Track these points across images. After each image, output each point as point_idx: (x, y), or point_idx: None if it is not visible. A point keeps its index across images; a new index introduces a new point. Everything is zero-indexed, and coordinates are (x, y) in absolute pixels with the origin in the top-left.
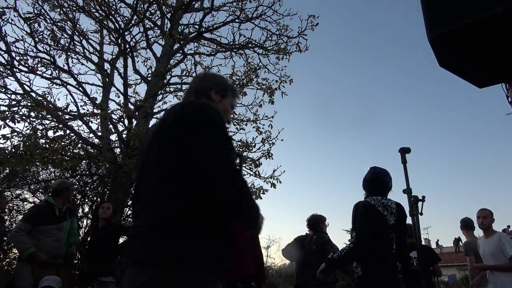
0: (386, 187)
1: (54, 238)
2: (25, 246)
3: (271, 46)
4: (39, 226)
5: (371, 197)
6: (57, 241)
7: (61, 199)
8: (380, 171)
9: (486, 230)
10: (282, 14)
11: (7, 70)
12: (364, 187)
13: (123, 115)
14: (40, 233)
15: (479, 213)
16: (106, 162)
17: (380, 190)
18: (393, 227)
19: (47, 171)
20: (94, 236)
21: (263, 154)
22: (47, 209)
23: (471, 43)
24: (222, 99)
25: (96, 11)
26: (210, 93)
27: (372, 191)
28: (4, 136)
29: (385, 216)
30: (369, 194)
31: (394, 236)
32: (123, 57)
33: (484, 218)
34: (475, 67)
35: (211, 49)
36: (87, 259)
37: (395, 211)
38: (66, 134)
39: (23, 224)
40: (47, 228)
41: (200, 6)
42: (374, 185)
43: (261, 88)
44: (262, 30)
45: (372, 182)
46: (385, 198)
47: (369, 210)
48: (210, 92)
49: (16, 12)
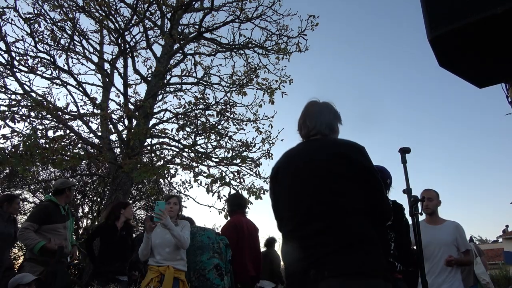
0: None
1: (63, 236)
2: (34, 241)
3: (271, 46)
4: (48, 225)
5: None
6: (65, 240)
7: (63, 198)
8: (377, 169)
9: (432, 214)
10: (282, 14)
11: (7, 70)
12: None
13: (123, 115)
14: (49, 232)
15: (424, 194)
16: (106, 162)
17: None
18: (390, 227)
19: (47, 171)
20: (115, 234)
21: (263, 154)
22: (53, 208)
23: (471, 43)
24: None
25: (96, 11)
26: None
27: None
28: (4, 136)
29: None
30: None
31: (393, 236)
32: (123, 57)
33: (430, 200)
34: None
35: (211, 49)
36: (102, 258)
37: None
38: (66, 134)
39: (30, 223)
40: (56, 226)
41: (200, 6)
42: None
43: (261, 88)
44: (262, 30)
45: None
46: None
47: None
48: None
49: (16, 12)
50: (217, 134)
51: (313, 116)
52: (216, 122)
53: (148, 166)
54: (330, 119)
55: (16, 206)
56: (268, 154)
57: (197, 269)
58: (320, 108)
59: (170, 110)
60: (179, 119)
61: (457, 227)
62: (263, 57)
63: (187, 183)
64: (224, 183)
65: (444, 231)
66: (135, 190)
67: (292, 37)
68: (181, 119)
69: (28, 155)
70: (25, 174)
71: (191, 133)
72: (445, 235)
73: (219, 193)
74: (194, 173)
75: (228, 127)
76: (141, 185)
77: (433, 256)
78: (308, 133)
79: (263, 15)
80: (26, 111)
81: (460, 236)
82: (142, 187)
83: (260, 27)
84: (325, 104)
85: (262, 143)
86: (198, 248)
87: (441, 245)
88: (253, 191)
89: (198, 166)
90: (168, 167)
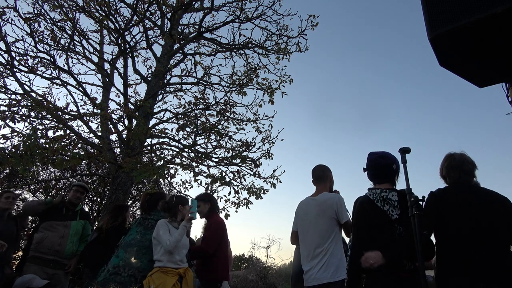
0: (388, 171)
1: (58, 233)
2: (41, 200)
3: (271, 46)
4: (46, 222)
5: (371, 190)
6: (61, 237)
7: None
8: (377, 155)
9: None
10: (282, 14)
11: (7, 70)
12: (368, 177)
13: (123, 115)
14: (45, 227)
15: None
16: (106, 162)
17: (381, 177)
18: (398, 221)
19: (47, 171)
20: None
21: (263, 154)
22: (55, 206)
23: (471, 43)
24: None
25: (96, 11)
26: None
27: (374, 179)
28: (4, 136)
29: (386, 211)
30: (375, 183)
31: (402, 230)
32: (123, 57)
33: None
34: (475, 66)
35: (211, 49)
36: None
37: (397, 204)
38: (66, 134)
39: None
40: (52, 223)
41: (200, 6)
42: (375, 173)
43: (261, 88)
44: (262, 30)
45: (371, 170)
46: (385, 190)
47: (365, 209)
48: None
49: (16, 12)
50: (217, 134)
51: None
52: (216, 122)
53: (148, 166)
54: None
55: (5, 201)
56: (268, 154)
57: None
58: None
59: (170, 110)
60: (179, 119)
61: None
62: (263, 57)
63: (187, 183)
64: (224, 182)
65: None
66: (135, 190)
67: (292, 37)
68: (181, 119)
69: (28, 155)
70: (25, 174)
71: (191, 133)
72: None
73: (218, 192)
74: (194, 173)
75: (228, 127)
76: (141, 185)
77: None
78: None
79: (263, 15)
80: (26, 111)
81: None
82: (142, 187)
83: (260, 27)
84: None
85: (262, 143)
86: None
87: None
88: (253, 191)
89: (198, 166)
90: (168, 167)
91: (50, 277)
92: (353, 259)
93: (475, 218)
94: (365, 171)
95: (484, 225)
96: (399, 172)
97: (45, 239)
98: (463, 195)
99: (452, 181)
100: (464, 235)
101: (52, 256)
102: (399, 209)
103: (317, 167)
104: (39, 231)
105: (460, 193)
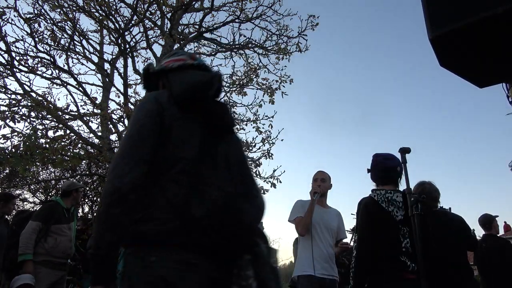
0: (392, 173)
1: (68, 237)
2: (28, 250)
3: (271, 46)
4: (54, 225)
5: (376, 191)
6: (69, 241)
7: (70, 200)
8: (383, 157)
9: (322, 196)
10: (282, 14)
11: (7, 70)
12: (371, 178)
13: (123, 115)
14: (55, 232)
15: (318, 175)
16: (106, 162)
17: (386, 179)
18: (403, 222)
19: (47, 171)
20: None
21: (263, 154)
22: (58, 208)
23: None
24: None
25: (96, 11)
26: None
27: (378, 181)
28: (4, 136)
29: (391, 212)
30: (378, 185)
31: (407, 231)
32: (123, 57)
33: (323, 181)
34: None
35: (211, 49)
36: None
37: (401, 204)
38: (66, 134)
39: (37, 223)
40: (61, 227)
41: (200, 6)
42: (379, 175)
43: (261, 88)
44: (262, 30)
45: (375, 171)
46: (390, 191)
47: (370, 210)
48: None
49: (16, 12)
50: None
51: None
52: None
53: None
54: None
55: (12, 207)
56: (268, 154)
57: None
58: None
59: None
60: None
61: (339, 216)
62: (263, 57)
63: None
64: None
65: (331, 216)
66: None
67: (292, 37)
68: None
69: (28, 155)
70: (25, 174)
71: None
72: (331, 219)
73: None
74: None
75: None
76: None
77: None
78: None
79: (263, 15)
80: (26, 111)
81: (342, 226)
82: None
83: (260, 27)
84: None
85: (262, 143)
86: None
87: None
88: None
89: None
90: None
91: (60, 278)
92: (360, 260)
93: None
94: (369, 172)
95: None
96: (402, 174)
97: (59, 244)
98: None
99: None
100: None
101: (64, 260)
102: (403, 210)
103: None
104: (50, 235)
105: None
